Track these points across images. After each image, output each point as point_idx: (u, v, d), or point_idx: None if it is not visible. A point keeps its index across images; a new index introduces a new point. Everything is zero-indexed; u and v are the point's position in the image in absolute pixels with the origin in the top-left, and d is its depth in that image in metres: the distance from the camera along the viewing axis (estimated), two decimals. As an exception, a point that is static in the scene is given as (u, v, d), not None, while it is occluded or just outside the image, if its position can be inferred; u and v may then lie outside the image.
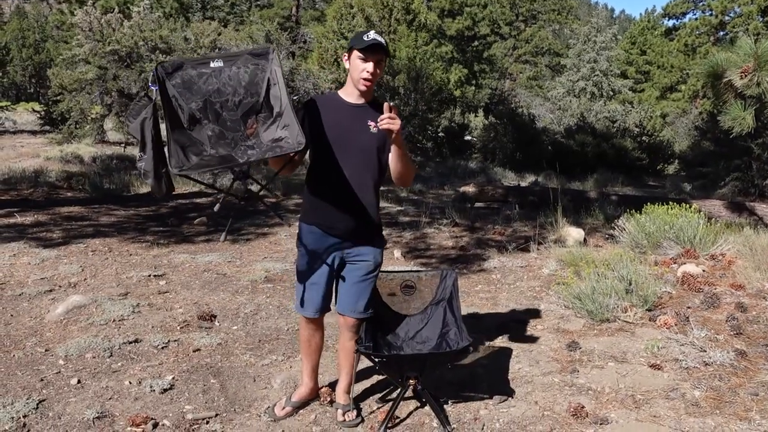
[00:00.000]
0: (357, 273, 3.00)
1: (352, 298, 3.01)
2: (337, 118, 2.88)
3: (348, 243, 2.95)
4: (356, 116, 2.88)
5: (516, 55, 43.50)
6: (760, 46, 5.77)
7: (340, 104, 2.91)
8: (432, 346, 3.23)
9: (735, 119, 5.96)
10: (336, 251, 2.96)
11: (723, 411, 3.15)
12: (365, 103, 2.91)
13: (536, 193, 10.44)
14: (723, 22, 34.30)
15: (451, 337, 3.23)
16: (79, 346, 3.84)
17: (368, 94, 2.90)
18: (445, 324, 3.29)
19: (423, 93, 20.11)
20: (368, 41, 2.78)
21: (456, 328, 3.23)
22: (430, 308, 3.35)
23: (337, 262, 2.99)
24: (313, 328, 3.13)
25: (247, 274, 5.64)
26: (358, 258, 2.99)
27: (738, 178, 13.68)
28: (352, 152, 2.87)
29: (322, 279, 2.99)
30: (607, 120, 23.48)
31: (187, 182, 11.25)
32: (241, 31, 29.63)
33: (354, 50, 2.83)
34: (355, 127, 2.87)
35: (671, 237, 6.15)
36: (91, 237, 6.83)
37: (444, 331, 3.27)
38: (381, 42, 2.79)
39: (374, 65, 2.81)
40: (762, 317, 4.40)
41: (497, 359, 3.86)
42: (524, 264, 6.20)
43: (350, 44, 2.87)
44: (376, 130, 2.82)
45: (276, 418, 3.11)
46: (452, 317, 3.28)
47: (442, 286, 3.34)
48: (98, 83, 18.09)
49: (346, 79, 2.94)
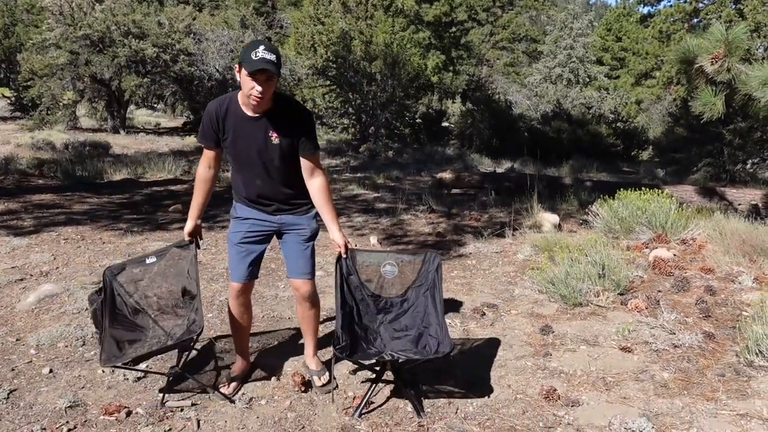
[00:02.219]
0: (294, 239, 3.13)
1: (296, 262, 3.15)
2: (237, 131, 2.92)
3: (278, 218, 3.09)
4: (257, 129, 2.90)
5: (493, 41, 43.55)
6: (731, 32, 5.83)
7: (240, 117, 2.90)
8: (411, 338, 3.19)
9: (706, 105, 6.03)
10: (271, 226, 3.11)
11: (691, 392, 3.22)
12: (262, 114, 2.89)
13: (512, 179, 10.51)
14: (697, 9, 34.58)
15: (431, 334, 3.15)
16: (51, 335, 3.79)
17: (262, 107, 2.86)
18: (427, 316, 3.20)
19: (400, 79, 20.09)
20: (255, 62, 2.68)
21: (437, 325, 3.14)
22: (411, 291, 3.27)
23: (272, 231, 3.13)
24: (241, 302, 3.18)
25: (222, 261, 5.60)
26: (293, 227, 3.12)
27: (710, 164, 13.91)
28: (259, 165, 2.97)
29: (249, 247, 3.10)
30: (582, 106, 23.70)
31: (162, 169, 11.15)
32: (216, 16, 29.25)
33: (243, 67, 2.74)
34: (258, 140, 2.92)
35: (643, 222, 6.24)
36: (63, 225, 6.74)
37: (424, 326, 3.19)
38: (269, 62, 2.69)
39: (263, 85, 2.74)
40: (730, 300, 4.49)
41: (471, 344, 3.90)
42: (499, 249, 6.25)
43: (240, 59, 2.77)
44: (278, 141, 2.91)
45: (223, 397, 3.13)
46: (434, 310, 3.19)
47: (424, 270, 3.26)
48: (70, 68, 17.80)
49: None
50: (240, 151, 2.96)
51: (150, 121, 27.34)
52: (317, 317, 3.33)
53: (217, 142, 2.98)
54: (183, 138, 20.07)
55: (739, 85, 5.84)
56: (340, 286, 3.13)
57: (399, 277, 3.27)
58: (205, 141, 3.01)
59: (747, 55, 7.28)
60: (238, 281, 3.12)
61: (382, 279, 3.26)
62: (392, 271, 3.24)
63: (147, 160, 12.16)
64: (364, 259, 3.25)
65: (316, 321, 3.32)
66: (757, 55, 18.94)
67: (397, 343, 3.19)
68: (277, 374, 3.41)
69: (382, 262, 3.26)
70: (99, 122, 23.49)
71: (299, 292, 3.18)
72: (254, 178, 3.01)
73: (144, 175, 10.96)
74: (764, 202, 9.03)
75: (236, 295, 3.15)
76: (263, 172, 2.99)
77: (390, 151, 18.67)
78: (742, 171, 13.79)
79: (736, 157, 13.63)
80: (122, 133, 21.02)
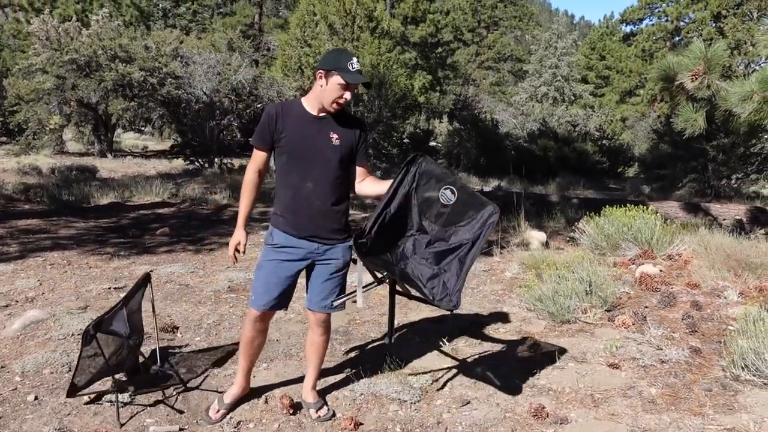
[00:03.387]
0: (326, 270, 3.04)
1: (321, 294, 3.06)
2: (300, 129, 2.93)
3: (316, 244, 2.99)
4: (319, 129, 2.94)
5: (479, 61, 44.01)
6: (710, 49, 5.93)
7: (303, 115, 2.95)
8: (427, 272, 2.96)
9: (687, 121, 6.10)
10: (305, 253, 3.00)
11: (678, 407, 3.23)
12: (327, 114, 2.96)
13: (499, 197, 10.56)
14: (678, 27, 35.19)
15: (446, 281, 2.92)
16: (37, 361, 3.76)
17: (335, 111, 2.95)
18: (452, 262, 2.94)
19: (387, 99, 20.21)
20: (353, 72, 2.82)
21: (455, 278, 2.90)
22: (454, 228, 2.97)
23: (306, 264, 3.03)
24: (259, 327, 3.12)
25: (210, 284, 5.58)
26: (327, 257, 3.03)
27: (695, 180, 14.05)
28: (315, 165, 2.93)
29: (283, 274, 3.00)
30: (568, 124, 23.92)
31: (150, 192, 11.13)
32: (203, 39, 29.41)
33: (334, 74, 2.83)
34: (319, 139, 2.93)
35: (629, 238, 6.30)
36: (49, 250, 6.69)
37: (444, 269, 2.95)
38: (363, 78, 2.86)
39: (352, 93, 2.88)
40: (716, 315, 4.53)
41: (460, 362, 3.90)
42: (487, 268, 6.27)
43: (330, 65, 2.84)
44: (339, 142, 2.92)
45: (210, 422, 3.11)
46: (461, 262, 2.92)
47: (479, 216, 2.94)
48: (56, 93, 17.78)
49: (311, 88, 2.96)
50: (298, 148, 2.93)
51: (137, 145, 27.32)
52: (326, 346, 3.25)
53: (270, 144, 2.96)
54: (171, 161, 20.05)
55: (720, 101, 5.92)
56: (399, 181, 2.96)
57: (452, 208, 2.98)
58: (258, 141, 2.98)
59: (727, 71, 7.41)
60: (259, 309, 3.03)
61: (435, 199, 3.00)
62: (449, 198, 2.97)
63: (134, 183, 12.12)
64: (432, 169, 3.02)
65: (323, 350, 3.25)
66: (738, 72, 19.25)
67: (412, 267, 3.00)
68: (265, 397, 3.39)
69: (445, 183, 2.99)
70: (86, 146, 23.44)
71: (315, 319, 3.12)
72: (306, 179, 2.93)
73: (131, 198, 10.92)
74: (748, 217, 9.13)
75: (255, 320, 3.08)
76: (318, 173, 2.93)
77: (378, 171, 18.73)
78: (726, 186, 13.94)
79: (720, 172, 13.78)
80: (109, 156, 20.97)
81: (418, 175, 2.99)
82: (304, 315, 4.32)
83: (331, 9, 21.69)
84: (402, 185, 2.97)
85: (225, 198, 10.86)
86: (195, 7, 42.95)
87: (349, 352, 4.09)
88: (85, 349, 3.07)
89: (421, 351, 4.07)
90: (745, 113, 5.64)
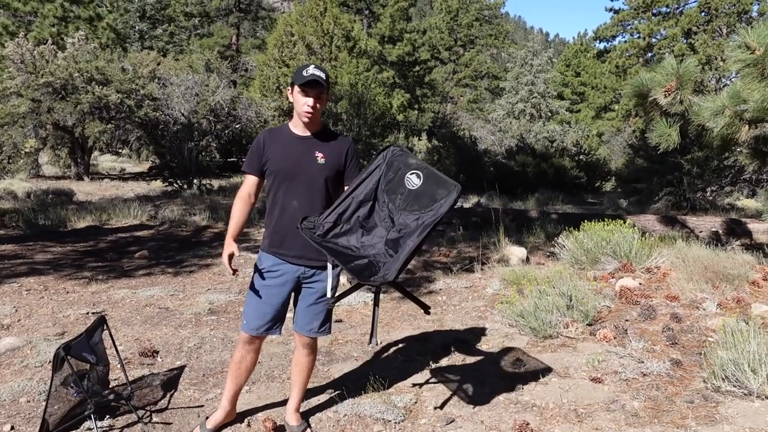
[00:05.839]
0: (313, 295, 3.06)
1: (308, 318, 3.08)
2: (285, 149, 3.00)
3: (303, 268, 3.01)
4: (305, 148, 3.00)
5: (456, 79, 44.38)
6: (682, 65, 6.05)
7: (289, 136, 3.03)
8: (375, 251, 2.77)
9: (661, 136, 6.22)
10: (292, 276, 3.02)
11: (661, 420, 3.25)
12: (311, 134, 3.02)
13: (479, 214, 10.61)
14: (650, 44, 35.87)
15: (382, 260, 2.74)
16: (13, 390, 3.68)
17: (313, 125, 3.02)
18: (398, 241, 2.73)
19: (366, 118, 20.28)
20: (307, 77, 2.88)
21: (391, 257, 2.70)
22: (412, 215, 2.76)
23: (293, 286, 3.04)
24: (249, 349, 3.12)
25: (190, 307, 5.53)
26: (313, 281, 3.05)
27: (671, 193, 14.22)
28: (300, 182, 2.98)
29: (273, 300, 3.02)
30: (546, 140, 24.14)
31: (128, 215, 11.02)
32: (180, 61, 29.35)
33: (295, 86, 2.93)
34: (304, 158, 2.99)
35: (609, 252, 6.35)
36: (25, 275, 6.58)
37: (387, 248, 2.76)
38: (319, 77, 2.89)
39: (314, 99, 2.93)
40: (695, 326, 4.57)
41: (443, 380, 3.89)
42: (469, 285, 6.28)
43: (292, 80, 2.96)
44: (324, 161, 2.97)
45: None
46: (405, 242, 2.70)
47: (440, 203, 2.73)
48: (32, 116, 17.58)
49: (290, 107, 3.01)
50: (283, 167, 2.98)
51: (115, 167, 27.06)
52: (312, 366, 3.25)
53: (258, 169, 3.03)
54: (149, 183, 19.87)
55: (693, 116, 6.05)
56: (372, 170, 2.88)
57: (415, 193, 2.80)
58: (247, 167, 3.06)
59: (699, 87, 7.55)
60: (249, 333, 3.04)
61: (401, 183, 2.84)
62: (415, 183, 2.81)
63: (112, 206, 11.98)
64: (402, 156, 2.91)
65: (309, 370, 3.24)
66: (710, 87, 19.63)
67: (364, 246, 2.81)
68: (248, 420, 3.35)
69: (411, 169, 2.84)
70: (62, 169, 23.16)
71: (301, 341, 3.14)
72: (292, 198, 2.97)
73: (109, 221, 10.80)
74: (724, 229, 9.26)
75: (245, 342, 3.09)
76: (303, 191, 2.97)
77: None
78: (701, 199, 14.14)
79: (695, 185, 13.97)
80: (86, 179, 20.74)
81: (387, 163, 2.92)
82: (286, 337, 4.29)
83: (308, 29, 21.82)
84: (371, 175, 2.90)
85: (204, 219, 10.78)
86: (172, 28, 42.87)
87: (331, 373, 4.06)
88: (57, 375, 3.02)
89: (405, 370, 4.05)
90: (718, 127, 5.77)
